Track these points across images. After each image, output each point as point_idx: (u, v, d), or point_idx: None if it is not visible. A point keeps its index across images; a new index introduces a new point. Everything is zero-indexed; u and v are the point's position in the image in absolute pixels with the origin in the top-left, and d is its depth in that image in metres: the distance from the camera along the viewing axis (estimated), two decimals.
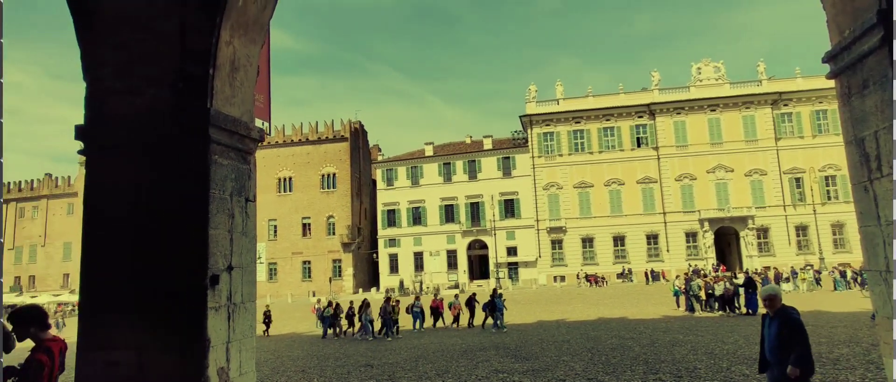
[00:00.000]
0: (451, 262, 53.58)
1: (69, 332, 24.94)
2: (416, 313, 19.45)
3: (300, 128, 58.36)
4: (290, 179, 57.63)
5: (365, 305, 18.76)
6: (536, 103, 53.01)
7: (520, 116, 53.69)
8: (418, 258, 54.29)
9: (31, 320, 3.87)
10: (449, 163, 54.62)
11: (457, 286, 47.30)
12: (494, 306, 18.22)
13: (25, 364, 3.70)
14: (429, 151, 56.11)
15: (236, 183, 4.76)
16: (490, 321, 18.51)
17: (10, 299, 49.77)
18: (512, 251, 51.99)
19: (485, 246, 53.01)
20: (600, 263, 48.92)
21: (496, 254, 49.68)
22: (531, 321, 19.43)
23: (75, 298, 52.14)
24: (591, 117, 51.51)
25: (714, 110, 49.43)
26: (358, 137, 60.21)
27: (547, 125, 52.32)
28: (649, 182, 49.59)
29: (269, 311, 22.51)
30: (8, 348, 3.74)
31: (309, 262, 56.49)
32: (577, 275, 46.97)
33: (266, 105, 6.94)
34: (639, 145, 50.56)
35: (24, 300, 51.76)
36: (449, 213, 53.92)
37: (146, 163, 4.51)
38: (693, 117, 49.70)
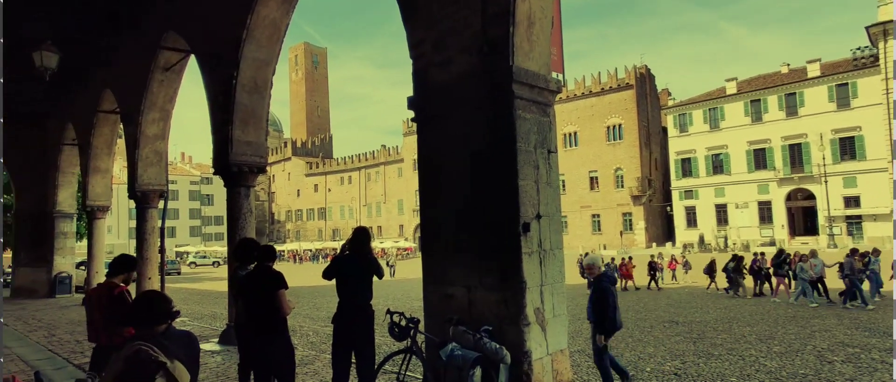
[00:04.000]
0: (764, 215, 46.12)
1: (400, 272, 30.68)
2: (875, 275, 13.86)
3: (582, 81, 57.84)
4: (575, 133, 58.02)
5: (801, 258, 14.46)
6: None
7: (866, 27, 41.38)
8: (721, 211, 48.47)
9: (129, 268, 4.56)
10: (758, 100, 46.45)
11: (772, 244, 40.57)
12: None
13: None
14: (731, 88, 48.74)
15: (539, 135, 4.93)
16: None
17: None
18: (851, 201, 41.62)
19: (811, 196, 43.80)
20: None
21: (828, 206, 40.48)
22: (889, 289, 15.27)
23: (408, 244, 64.39)
24: None
25: None
26: (644, 83, 56.39)
27: None
28: None
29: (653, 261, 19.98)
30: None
31: (598, 215, 56.49)
32: None
33: (559, 57, 6.98)
34: None
35: (376, 244, 66.31)
36: (759, 158, 46.20)
37: (462, 123, 5.05)
38: None
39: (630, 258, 20.65)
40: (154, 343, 2.38)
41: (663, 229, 55.46)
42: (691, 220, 50.54)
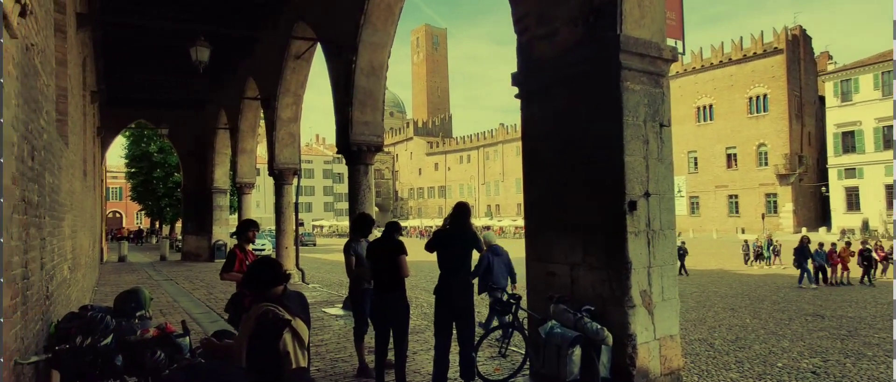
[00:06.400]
0: None
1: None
2: None
3: (720, 48, 52.48)
4: (711, 106, 53.06)
5: None
6: None
7: None
8: (892, 193, 41.52)
9: (246, 229, 5.64)
10: None
11: None
12: None
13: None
14: None
15: (649, 108, 4.63)
16: None
17: (485, 221, 65.35)
18: None
19: None
20: None
21: None
22: None
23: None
24: None
25: None
26: (797, 47, 49.69)
27: None
28: None
29: None
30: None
31: (735, 196, 51.46)
32: None
33: (678, 22, 6.43)
34: None
35: (494, 223, 66.96)
36: None
37: (566, 98, 4.90)
38: None
39: (848, 243, 16.22)
40: (277, 303, 2.69)
41: (816, 212, 49.05)
42: (853, 202, 44.05)
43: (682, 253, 17.64)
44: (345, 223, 71.65)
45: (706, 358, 6.82)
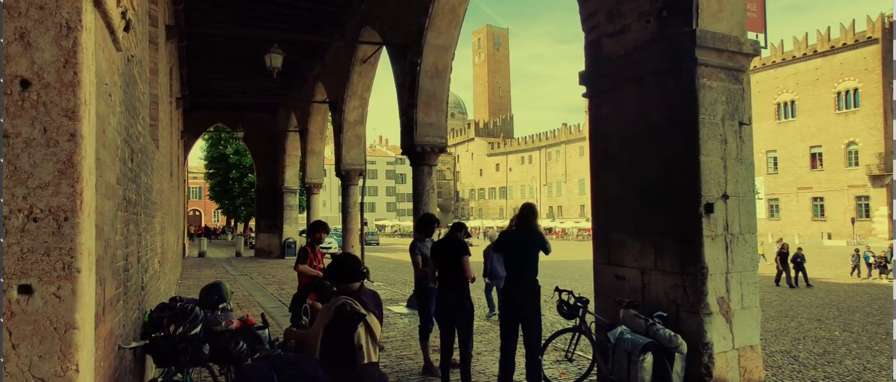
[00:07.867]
0: None
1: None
2: None
3: (804, 39, 48.95)
4: (792, 102, 49.60)
5: None
6: None
7: None
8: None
9: (316, 230, 6.18)
10: None
11: None
12: None
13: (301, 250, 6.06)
14: None
15: (728, 106, 4.40)
16: None
17: (547, 223, 64.43)
18: None
19: None
20: None
21: None
22: None
23: (589, 225, 62.52)
24: None
25: None
26: (894, 35, 45.42)
27: None
28: None
29: None
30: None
31: (820, 198, 47.81)
32: None
33: (760, 14, 6.06)
34: None
35: (556, 224, 65.90)
36: None
37: (637, 96, 4.75)
38: None
39: None
40: (354, 298, 2.80)
41: None
42: None
43: (799, 261, 16.26)
44: (407, 223, 72.84)
45: (790, 372, 6.40)
